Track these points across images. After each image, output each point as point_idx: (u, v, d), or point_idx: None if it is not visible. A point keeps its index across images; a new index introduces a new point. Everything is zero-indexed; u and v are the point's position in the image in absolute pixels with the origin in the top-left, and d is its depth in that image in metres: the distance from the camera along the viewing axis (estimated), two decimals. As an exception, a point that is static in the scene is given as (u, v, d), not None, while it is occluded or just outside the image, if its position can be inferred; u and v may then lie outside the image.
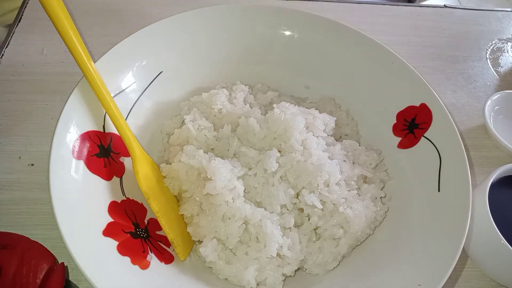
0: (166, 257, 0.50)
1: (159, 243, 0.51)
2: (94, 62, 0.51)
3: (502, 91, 0.72)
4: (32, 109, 0.64)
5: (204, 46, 0.63)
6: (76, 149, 0.48)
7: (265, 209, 0.51)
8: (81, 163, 0.48)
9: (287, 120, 0.53)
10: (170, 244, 0.51)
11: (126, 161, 0.54)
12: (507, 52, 0.86)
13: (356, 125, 0.64)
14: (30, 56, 0.71)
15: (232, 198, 0.50)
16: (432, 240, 0.48)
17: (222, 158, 0.53)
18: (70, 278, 0.48)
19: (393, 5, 0.93)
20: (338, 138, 0.62)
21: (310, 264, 0.52)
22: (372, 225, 0.54)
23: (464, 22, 0.90)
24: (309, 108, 0.59)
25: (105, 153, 0.51)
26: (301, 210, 0.53)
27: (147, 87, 0.59)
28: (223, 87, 0.63)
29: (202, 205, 0.51)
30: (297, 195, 0.53)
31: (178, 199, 0.55)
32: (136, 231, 0.49)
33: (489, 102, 0.70)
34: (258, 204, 0.52)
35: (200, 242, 0.51)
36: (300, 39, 0.65)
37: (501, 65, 0.83)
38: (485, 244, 0.54)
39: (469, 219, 0.46)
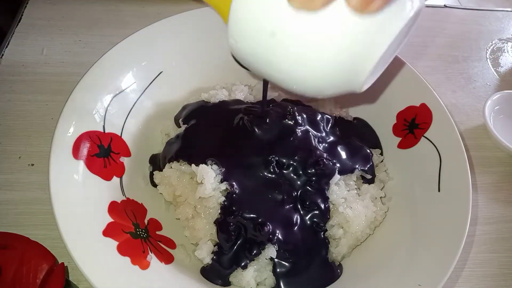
0: (166, 257, 0.50)
1: (159, 243, 0.51)
2: (94, 62, 0.51)
3: (502, 91, 0.72)
4: (32, 109, 0.64)
5: (204, 46, 0.63)
6: (76, 149, 0.48)
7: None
8: (81, 163, 0.48)
9: (287, 120, 0.53)
10: (170, 244, 0.51)
11: (126, 161, 0.54)
12: (507, 52, 0.86)
13: (356, 125, 0.64)
14: (30, 56, 0.71)
15: (225, 200, 0.49)
16: (432, 240, 0.48)
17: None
18: (70, 278, 0.48)
19: (393, 5, 0.93)
20: (338, 138, 0.62)
21: (310, 264, 0.52)
22: (372, 225, 0.54)
23: (464, 22, 0.90)
24: (309, 108, 0.59)
25: (105, 153, 0.51)
26: (301, 210, 0.53)
27: (147, 87, 0.59)
28: (223, 87, 0.63)
29: (197, 208, 0.51)
30: (297, 195, 0.52)
31: (173, 204, 0.55)
32: (136, 231, 0.49)
33: (489, 102, 0.70)
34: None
35: (197, 244, 0.51)
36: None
37: (501, 65, 0.83)
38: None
39: (469, 219, 0.46)
